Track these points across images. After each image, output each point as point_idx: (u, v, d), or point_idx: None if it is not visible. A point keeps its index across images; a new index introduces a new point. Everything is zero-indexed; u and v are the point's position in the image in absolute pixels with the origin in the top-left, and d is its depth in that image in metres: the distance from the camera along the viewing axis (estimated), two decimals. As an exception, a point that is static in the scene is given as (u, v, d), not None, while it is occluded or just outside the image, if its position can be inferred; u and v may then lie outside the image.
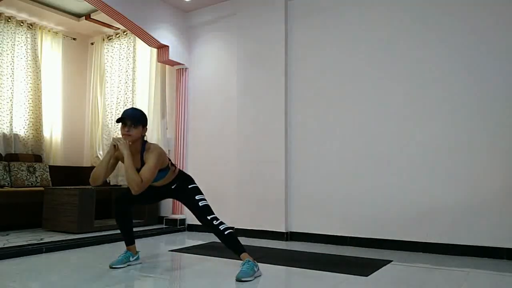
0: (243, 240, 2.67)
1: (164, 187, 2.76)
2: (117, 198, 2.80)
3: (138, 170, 2.48)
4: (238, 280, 2.34)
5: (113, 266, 2.65)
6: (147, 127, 2.65)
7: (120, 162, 2.67)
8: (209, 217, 2.62)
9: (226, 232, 2.57)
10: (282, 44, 4.15)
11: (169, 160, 2.74)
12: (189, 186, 2.76)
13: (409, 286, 2.30)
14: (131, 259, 2.78)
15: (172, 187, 2.77)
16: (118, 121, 2.54)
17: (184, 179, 2.81)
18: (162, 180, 2.70)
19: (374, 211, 3.54)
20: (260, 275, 2.48)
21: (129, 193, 2.68)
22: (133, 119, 2.53)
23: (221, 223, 2.61)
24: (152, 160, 2.49)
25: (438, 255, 3.17)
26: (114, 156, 2.59)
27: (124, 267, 2.69)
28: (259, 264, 2.52)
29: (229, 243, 2.60)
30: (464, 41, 3.27)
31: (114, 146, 2.54)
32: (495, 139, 3.10)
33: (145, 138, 2.64)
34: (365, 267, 2.71)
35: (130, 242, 2.84)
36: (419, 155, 3.38)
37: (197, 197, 2.70)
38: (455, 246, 3.16)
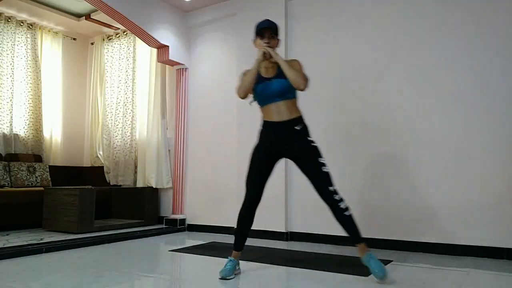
0: (243, 240, 2.66)
1: (288, 126, 2.46)
2: (248, 191, 2.55)
3: (272, 78, 2.49)
4: (381, 278, 2.23)
5: (227, 278, 2.38)
6: (280, 39, 2.63)
7: None
8: (331, 188, 2.37)
9: (346, 213, 2.35)
10: (282, 43, 4.13)
11: None
12: (312, 144, 2.46)
13: (409, 286, 2.30)
14: (237, 267, 2.51)
15: (296, 127, 2.47)
16: (257, 34, 2.51)
17: (307, 128, 2.54)
18: (293, 101, 2.52)
19: (374, 211, 3.54)
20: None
21: (255, 180, 2.52)
22: (272, 29, 2.52)
23: (342, 199, 2.37)
24: (298, 64, 2.52)
25: (438, 255, 3.17)
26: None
27: (233, 277, 2.43)
28: (259, 264, 2.52)
29: (348, 225, 2.37)
30: (467, 40, 3.27)
31: (264, 54, 2.47)
32: (495, 139, 3.10)
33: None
34: (365, 267, 2.70)
35: (242, 247, 2.56)
36: (420, 155, 3.38)
37: (320, 160, 2.42)
38: (455, 246, 3.16)
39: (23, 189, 4.47)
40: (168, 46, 4.73)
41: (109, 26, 5.51)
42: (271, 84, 2.50)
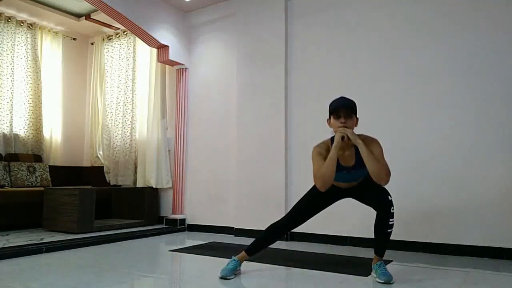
0: (244, 240, 2.68)
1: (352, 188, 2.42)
2: (295, 217, 2.55)
3: (351, 168, 2.29)
4: (387, 282, 2.26)
5: (227, 277, 2.38)
6: (358, 117, 2.36)
7: None
8: (390, 198, 2.34)
9: (389, 230, 2.33)
10: (282, 43, 4.15)
11: None
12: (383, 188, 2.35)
13: (409, 286, 2.30)
14: (238, 268, 2.51)
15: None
16: (332, 113, 2.31)
17: None
18: (358, 180, 2.39)
19: (374, 211, 3.53)
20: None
21: (306, 212, 2.54)
22: (349, 108, 2.28)
23: (393, 215, 2.32)
24: (378, 147, 2.25)
25: (438, 255, 3.17)
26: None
27: (233, 278, 2.43)
28: (259, 264, 2.52)
29: (382, 239, 2.37)
30: (465, 41, 3.27)
31: (342, 138, 2.24)
32: (495, 139, 3.10)
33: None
34: (365, 267, 2.71)
35: (254, 254, 2.55)
36: (420, 155, 3.38)
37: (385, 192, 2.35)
38: (455, 246, 3.16)
39: (23, 189, 4.47)
40: (168, 46, 4.73)
41: (109, 26, 5.51)
42: (351, 176, 2.37)
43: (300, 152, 4.03)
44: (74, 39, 5.87)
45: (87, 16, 5.35)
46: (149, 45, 4.77)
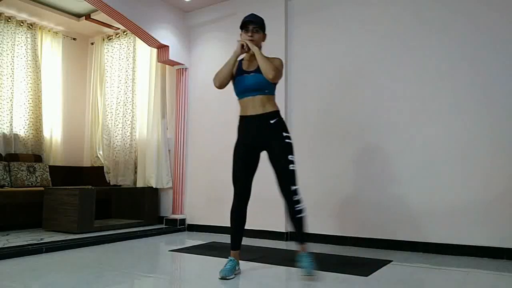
0: (244, 240, 2.67)
1: (263, 119, 2.50)
2: (235, 191, 2.65)
3: (251, 71, 2.52)
4: (309, 274, 2.33)
5: (227, 278, 2.38)
6: (266, 34, 2.64)
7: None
8: (294, 187, 2.45)
9: (298, 215, 2.43)
10: (282, 43, 4.15)
11: None
12: (286, 140, 2.50)
13: (409, 286, 2.30)
14: (236, 268, 2.50)
15: (271, 121, 2.51)
16: (241, 26, 2.55)
17: (284, 122, 2.59)
18: (269, 96, 2.54)
19: (374, 211, 3.54)
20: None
21: (240, 178, 2.65)
22: (257, 22, 2.54)
23: (300, 201, 2.45)
24: (279, 61, 2.52)
25: (438, 255, 3.17)
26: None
27: (233, 277, 2.43)
28: (259, 264, 2.52)
29: (298, 225, 2.45)
30: (469, 40, 3.27)
31: (242, 46, 2.50)
32: (496, 139, 3.09)
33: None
34: (365, 267, 2.71)
35: (239, 246, 2.57)
36: (420, 155, 3.38)
37: (289, 157, 2.47)
38: (455, 246, 3.16)
39: (23, 189, 4.47)
40: (168, 46, 4.73)
41: (109, 26, 5.51)
42: (248, 78, 2.54)
43: (300, 152, 4.01)
44: (74, 39, 5.87)
45: (87, 16, 5.35)
46: (149, 45, 4.77)
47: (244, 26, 2.55)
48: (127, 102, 5.31)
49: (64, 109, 5.65)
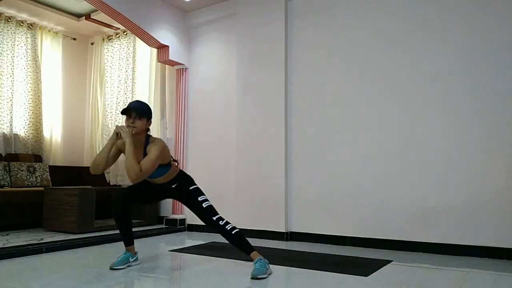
0: (243, 240, 2.67)
1: (164, 186, 2.73)
2: (116, 198, 2.77)
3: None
4: (254, 278, 2.38)
5: (114, 268, 2.62)
6: (151, 120, 2.66)
7: (121, 156, 2.66)
8: (214, 218, 2.62)
9: (233, 232, 2.59)
10: (282, 43, 4.15)
11: (171, 158, 2.74)
12: (190, 188, 2.74)
13: (409, 286, 2.30)
14: (130, 259, 2.74)
15: (173, 186, 2.73)
16: (123, 112, 2.53)
17: (185, 179, 2.79)
18: (162, 177, 2.67)
19: (374, 211, 3.54)
20: (271, 273, 2.51)
21: (128, 193, 2.74)
22: (138, 110, 2.53)
23: (227, 223, 2.62)
24: (155, 152, 2.47)
25: (438, 255, 3.17)
26: (117, 146, 2.59)
27: (124, 268, 2.67)
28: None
29: (237, 242, 2.61)
30: (465, 40, 3.27)
31: (117, 134, 2.51)
32: (495, 139, 3.10)
33: (149, 133, 2.65)
34: (365, 267, 2.71)
35: (129, 243, 2.81)
36: (420, 155, 3.38)
37: (199, 198, 2.69)
38: (455, 246, 3.16)
39: (23, 189, 4.47)
40: (168, 46, 4.73)
41: (109, 26, 5.51)
42: None
43: (300, 152, 4.03)
44: (74, 39, 5.87)
45: (87, 16, 5.34)
46: (149, 45, 4.77)
47: (125, 112, 2.54)
48: (127, 102, 5.30)
49: (64, 109, 5.65)
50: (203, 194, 2.73)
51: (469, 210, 3.13)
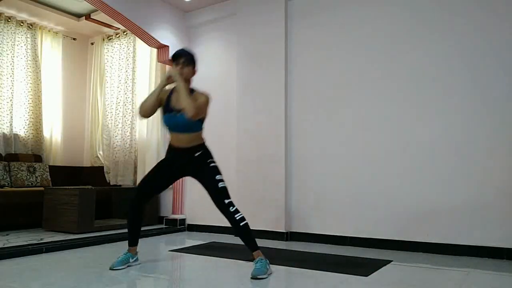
0: (244, 240, 2.66)
1: (187, 154, 2.63)
2: (131, 198, 2.71)
3: (178, 111, 2.52)
4: (254, 278, 2.37)
5: (114, 268, 2.60)
6: (196, 69, 2.67)
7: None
8: (226, 201, 2.56)
9: (241, 223, 2.53)
10: (282, 43, 4.15)
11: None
12: (211, 164, 2.66)
13: (409, 286, 2.30)
14: (130, 260, 2.72)
15: (196, 154, 2.64)
16: (172, 60, 2.58)
17: (208, 152, 2.72)
18: (193, 134, 2.64)
19: (374, 211, 3.54)
20: (271, 273, 2.51)
21: (141, 192, 2.69)
22: (186, 57, 2.59)
23: (237, 211, 2.56)
24: (204, 98, 2.56)
25: (438, 255, 3.17)
26: (159, 96, 2.58)
27: (124, 268, 2.66)
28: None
29: (243, 235, 2.56)
30: (465, 40, 3.27)
31: (168, 77, 2.54)
32: (495, 139, 3.10)
33: (191, 86, 2.67)
34: (365, 267, 2.71)
35: (134, 243, 2.76)
36: (420, 155, 3.38)
37: (217, 177, 2.62)
38: (455, 246, 3.16)
39: (23, 189, 4.47)
40: (168, 46, 4.73)
41: (109, 26, 5.51)
42: (176, 118, 2.59)
43: (300, 152, 4.03)
44: (74, 39, 5.87)
45: (87, 16, 5.35)
46: (149, 45, 4.77)
47: (174, 59, 2.60)
48: (127, 102, 5.31)
49: (64, 109, 5.65)
50: (221, 174, 2.65)
51: (469, 210, 3.13)
